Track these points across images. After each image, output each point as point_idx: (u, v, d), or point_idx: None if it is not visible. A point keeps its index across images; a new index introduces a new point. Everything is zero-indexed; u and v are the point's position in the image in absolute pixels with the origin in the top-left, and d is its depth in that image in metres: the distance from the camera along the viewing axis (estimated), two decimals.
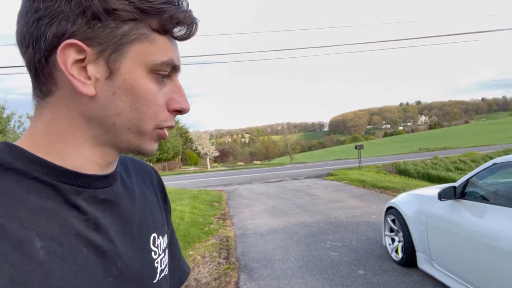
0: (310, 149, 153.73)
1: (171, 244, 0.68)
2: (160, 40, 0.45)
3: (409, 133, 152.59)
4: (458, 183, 2.96)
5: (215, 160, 64.68)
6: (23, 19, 0.42)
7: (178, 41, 0.48)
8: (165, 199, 0.67)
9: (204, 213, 7.60)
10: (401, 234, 3.70)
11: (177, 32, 0.46)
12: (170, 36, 0.46)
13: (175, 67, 0.47)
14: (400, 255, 3.70)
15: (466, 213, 2.78)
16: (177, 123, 49.27)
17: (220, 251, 4.78)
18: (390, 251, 3.95)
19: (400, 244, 3.74)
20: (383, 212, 4.19)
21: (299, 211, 7.05)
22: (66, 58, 0.41)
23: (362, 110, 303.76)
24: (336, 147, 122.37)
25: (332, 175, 14.15)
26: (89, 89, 0.42)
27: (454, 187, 2.92)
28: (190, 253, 4.71)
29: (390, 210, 4.01)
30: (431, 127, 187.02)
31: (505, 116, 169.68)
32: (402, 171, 15.66)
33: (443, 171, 14.96)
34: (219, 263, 4.26)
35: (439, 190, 2.99)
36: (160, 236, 0.57)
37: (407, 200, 3.76)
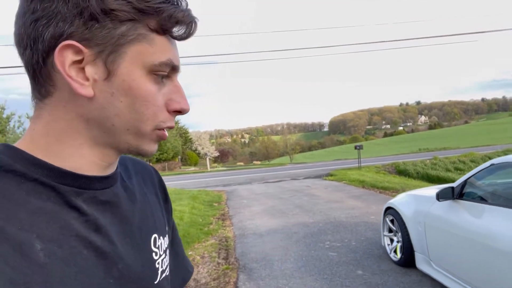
0: (310, 149, 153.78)
1: (174, 243, 0.67)
2: (159, 40, 0.44)
3: (409, 133, 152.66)
4: (456, 183, 2.97)
5: (215, 160, 64.70)
6: (21, 20, 0.42)
7: (177, 41, 0.48)
8: (166, 199, 0.66)
9: (204, 213, 7.60)
10: (399, 234, 3.71)
11: (176, 31, 0.46)
12: (169, 36, 0.46)
13: (174, 67, 0.47)
14: (399, 255, 3.71)
15: (464, 213, 2.78)
16: (176, 123, 49.26)
17: (219, 251, 4.78)
18: (389, 251, 3.96)
19: (399, 245, 3.75)
20: (382, 213, 4.20)
21: (298, 212, 7.05)
22: (64, 59, 0.40)
23: (362, 110, 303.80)
24: (336, 147, 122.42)
25: (331, 175, 14.16)
26: (87, 90, 0.42)
27: (452, 188, 2.92)
28: (189, 253, 4.72)
29: (388, 210, 4.02)
30: (431, 127, 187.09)
31: (505, 116, 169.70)
32: (401, 172, 15.68)
33: (443, 171, 14.98)
34: (218, 263, 4.27)
35: (437, 191, 2.99)
36: (161, 237, 0.57)
37: (406, 201, 3.77)
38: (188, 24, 0.46)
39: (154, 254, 0.53)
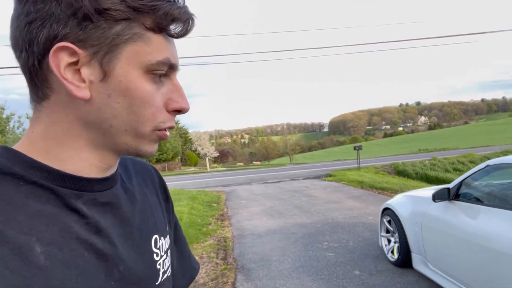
0: (309, 149, 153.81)
1: (179, 242, 0.68)
2: (155, 39, 0.43)
3: (408, 133, 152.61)
4: (452, 184, 2.99)
5: (215, 160, 64.68)
6: (16, 23, 0.41)
7: (174, 38, 0.46)
8: (167, 199, 0.66)
9: (203, 213, 7.62)
10: (396, 235, 3.73)
11: (172, 29, 0.45)
12: (165, 34, 0.44)
13: (172, 66, 0.46)
14: (396, 256, 3.73)
15: (460, 214, 2.80)
16: (176, 123, 49.19)
17: (218, 251, 4.80)
18: (386, 252, 3.98)
19: (396, 245, 3.76)
20: (379, 213, 4.22)
21: (297, 212, 7.07)
22: (59, 61, 0.40)
23: (362, 111, 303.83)
24: (335, 148, 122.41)
25: (330, 176, 14.17)
26: (83, 92, 0.41)
27: (448, 189, 2.94)
28: None
29: (386, 211, 4.03)
30: (431, 127, 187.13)
31: (504, 117, 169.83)
32: (400, 172, 15.71)
33: (442, 172, 15.01)
34: (216, 264, 4.29)
35: (433, 192, 3.01)
36: (161, 238, 0.56)
37: (403, 201, 3.79)
38: (185, 21, 0.45)
39: (155, 255, 0.53)
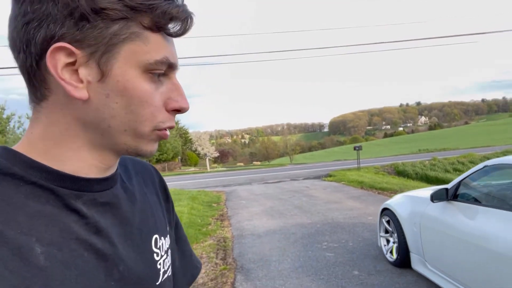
0: (310, 149, 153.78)
1: (180, 241, 0.68)
2: (153, 38, 0.43)
3: (409, 134, 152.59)
4: (450, 185, 3.00)
5: (215, 160, 64.71)
6: (13, 23, 0.41)
7: (173, 37, 0.46)
8: (167, 198, 0.66)
9: (203, 214, 7.63)
10: (395, 235, 3.74)
11: (171, 28, 0.44)
12: (164, 33, 0.44)
13: (171, 65, 0.45)
14: (395, 256, 3.74)
15: (458, 214, 2.81)
16: (177, 123, 49.25)
17: (217, 251, 4.82)
18: (385, 252, 3.99)
19: (395, 245, 3.78)
20: (378, 214, 4.23)
21: (297, 212, 7.08)
22: (56, 62, 0.40)
23: (362, 111, 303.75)
24: (336, 148, 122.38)
25: (330, 176, 14.19)
26: (81, 92, 0.41)
27: (446, 189, 2.95)
28: None
29: (385, 211, 4.05)
30: (431, 128, 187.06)
31: (505, 117, 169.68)
32: (400, 172, 15.71)
33: (441, 172, 15.01)
34: (216, 264, 4.30)
35: (431, 192, 3.03)
36: (162, 238, 0.56)
37: (402, 202, 3.80)
38: (184, 20, 0.45)
39: (155, 255, 0.53)
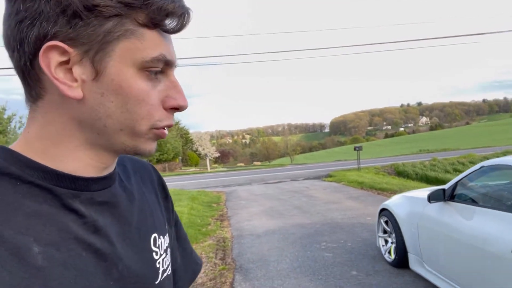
0: (310, 150, 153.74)
1: (180, 239, 0.68)
2: (149, 35, 0.42)
3: (410, 134, 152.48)
4: (447, 185, 3.01)
5: (216, 161, 64.68)
6: (7, 22, 0.40)
7: (169, 34, 0.45)
8: (166, 197, 0.65)
9: (202, 214, 7.65)
10: (393, 235, 3.75)
11: (167, 24, 0.43)
12: (160, 30, 0.43)
13: (168, 62, 0.44)
14: (393, 256, 3.76)
15: (455, 215, 2.82)
16: (177, 123, 49.33)
17: (217, 251, 4.83)
18: (383, 252, 4.00)
19: (393, 246, 3.79)
20: (377, 214, 4.24)
21: (296, 213, 7.10)
22: (49, 61, 0.39)
23: (363, 111, 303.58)
24: (336, 148, 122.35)
25: (331, 176, 14.20)
26: (75, 92, 0.40)
27: (443, 190, 2.97)
28: None
29: (383, 212, 4.06)
30: (432, 128, 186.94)
31: (506, 117, 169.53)
32: (400, 173, 15.71)
33: (442, 172, 15.01)
34: (215, 264, 4.32)
35: (428, 193, 3.04)
36: (161, 236, 0.56)
37: (400, 202, 3.81)
38: (180, 15, 0.43)
39: (154, 253, 0.53)
